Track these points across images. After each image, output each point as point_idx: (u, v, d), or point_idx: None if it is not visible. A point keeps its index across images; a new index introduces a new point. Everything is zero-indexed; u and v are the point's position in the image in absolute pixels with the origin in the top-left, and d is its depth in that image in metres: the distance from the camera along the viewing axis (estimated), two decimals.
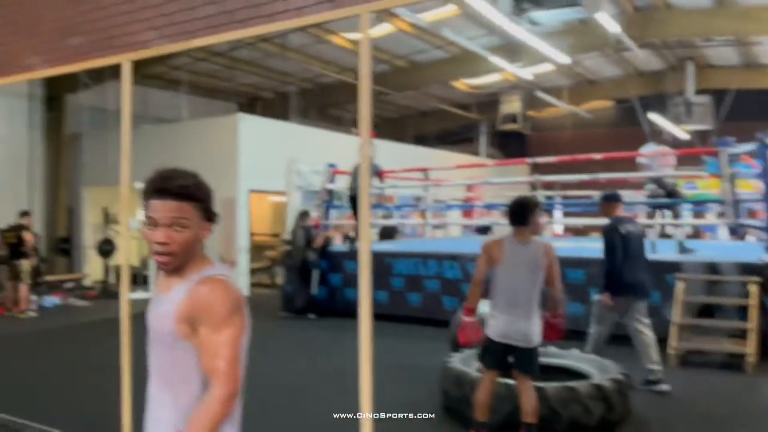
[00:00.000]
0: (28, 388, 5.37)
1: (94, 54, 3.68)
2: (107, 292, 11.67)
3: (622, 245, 5.06)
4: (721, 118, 14.81)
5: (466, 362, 4.75)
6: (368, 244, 2.97)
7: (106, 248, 12.33)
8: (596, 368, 4.64)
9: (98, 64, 3.66)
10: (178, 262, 1.62)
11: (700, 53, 14.75)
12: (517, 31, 9.17)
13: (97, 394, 4.94)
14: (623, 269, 5.04)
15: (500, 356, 3.75)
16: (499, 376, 3.86)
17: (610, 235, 5.16)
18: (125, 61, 3.53)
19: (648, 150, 7.89)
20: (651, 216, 8.34)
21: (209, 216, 1.68)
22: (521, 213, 3.70)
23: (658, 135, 8.27)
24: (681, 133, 14.92)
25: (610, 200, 5.38)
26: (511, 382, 4.11)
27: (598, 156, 7.75)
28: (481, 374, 3.95)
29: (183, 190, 1.61)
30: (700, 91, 14.94)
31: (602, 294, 5.18)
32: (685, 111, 14.65)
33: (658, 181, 7.83)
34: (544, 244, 3.76)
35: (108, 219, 12.46)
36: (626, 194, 12.60)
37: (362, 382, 2.93)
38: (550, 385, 4.06)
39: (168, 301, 1.65)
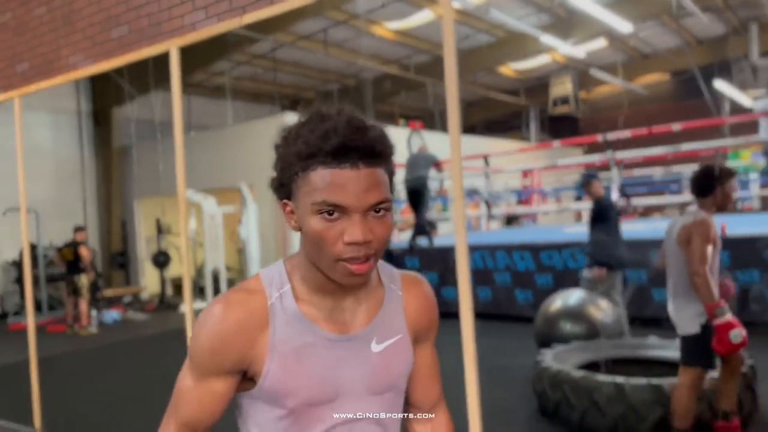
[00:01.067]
0: (94, 407, 5.15)
1: (140, 44, 3.37)
2: (165, 304, 11.58)
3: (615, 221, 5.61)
4: None
5: (560, 359, 4.28)
6: (464, 240, 2.57)
7: (161, 260, 12.26)
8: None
9: (145, 55, 3.34)
10: (374, 267, 0.95)
11: (764, 12, 13.80)
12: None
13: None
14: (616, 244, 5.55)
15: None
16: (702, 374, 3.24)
17: (608, 211, 5.60)
18: (173, 47, 3.20)
19: (765, 104, 6.79)
20: None
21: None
22: (700, 181, 3.18)
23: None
24: (747, 99, 14.01)
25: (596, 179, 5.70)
26: (621, 381, 3.64)
27: (677, 127, 7.10)
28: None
29: (384, 148, 0.93)
30: (765, 54, 14.01)
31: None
32: (751, 76, 13.77)
33: None
34: (692, 218, 3.11)
35: (161, 230, 12.38)
36: (692, 168, 11.96)
37: (468, 388, 2.54)
38: (668, 381, 3.56)
39: (382, 330, 1.04)
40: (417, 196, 8.40)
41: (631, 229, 8.75)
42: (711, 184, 3.13)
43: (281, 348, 0.97)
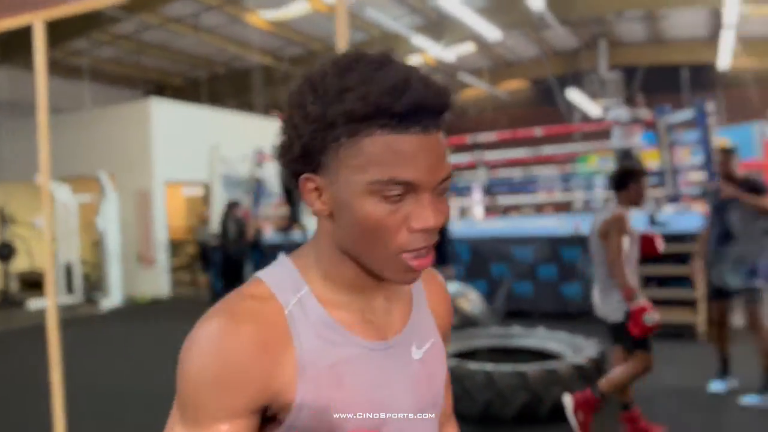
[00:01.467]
0: None
1: None
2: (9, 301, 10.59)
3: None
4: (633, 93, 15.38)
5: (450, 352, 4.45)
6: None
7: (4, 252, 11.16)
8: (568, 347, 4.46)
9: (4, 28, 3.03)
10: None
11: (612, 30, 15.18)
12: (448, 3, 8.92)
13: (21, 417, 4.29)
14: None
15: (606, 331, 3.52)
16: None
17: None
18: (38, 21, 2.93)
19: (618, 114, 7.20)
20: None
21: None
22: (616, 178, 3.45)
23: (631, 101, 7.37)
24: (596, 108, 15.35)
25: None
26: (490, 369, 3.86)
27: (540, 131, 7.65)
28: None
29: (451, 107, 0.71)
30: (612, 68, 15.41)
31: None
32: (599, 87, 15.08)
33: (627, 153, 7.15)
34: (611, 213, 3.37)
35: (5, 219, 11.27)
36: (549, 171, 12.92)
37: None
38: (531, 368, 3.83)
39: (418, 333, 0.83)
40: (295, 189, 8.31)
41: (492, 226, 9.28)
42: (626, 181, 3.43)
43: (314, 367, 0.72)
